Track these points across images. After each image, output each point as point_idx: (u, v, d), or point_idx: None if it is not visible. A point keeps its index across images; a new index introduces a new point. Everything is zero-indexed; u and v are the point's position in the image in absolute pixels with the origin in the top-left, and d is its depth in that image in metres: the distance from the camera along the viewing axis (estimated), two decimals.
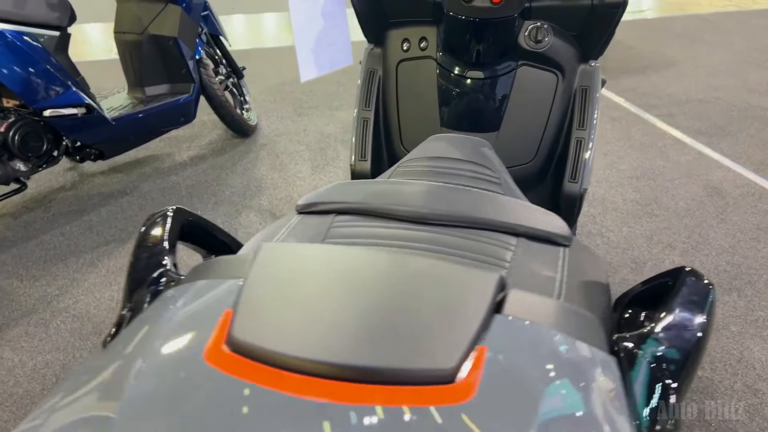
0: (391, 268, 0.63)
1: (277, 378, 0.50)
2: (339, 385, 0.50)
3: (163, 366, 0.53)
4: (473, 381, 0.50)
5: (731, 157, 3.52)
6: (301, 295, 0.60)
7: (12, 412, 1.86)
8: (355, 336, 0.54)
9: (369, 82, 1.85)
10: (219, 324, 0.56)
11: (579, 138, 1.74)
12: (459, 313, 0.57)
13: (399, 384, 0.49)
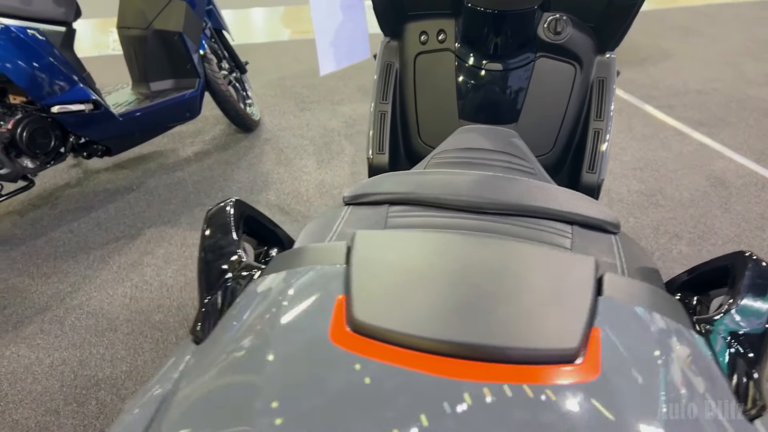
0: (489, 253, 0.65)
1: (406, 357, 0.51)
2: (465, 364, 0.51)
3: (294, 349, 0.54)
4: (596, 360, 0.51)
5: (732, 147, 3.55)
6: (409, 278, 0.61)
7: (32, 409, 1.86)
8: (473, 316, 0.55)
9: (386, 75, 1.85)
10: (336, 308, 0.57)
11: (597, 129, 1.75)
12: (567, 295, 0.58)
13: (522, 363, 0.50)
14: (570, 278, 0.61)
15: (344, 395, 0.48)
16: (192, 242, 2.64)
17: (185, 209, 2.91)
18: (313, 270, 0.66)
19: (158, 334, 2.14)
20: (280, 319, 0.57)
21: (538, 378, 0.49)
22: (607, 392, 0.48)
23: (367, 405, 0.47)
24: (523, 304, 0.57)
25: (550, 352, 0.52)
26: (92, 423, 1.81)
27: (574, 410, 0.47)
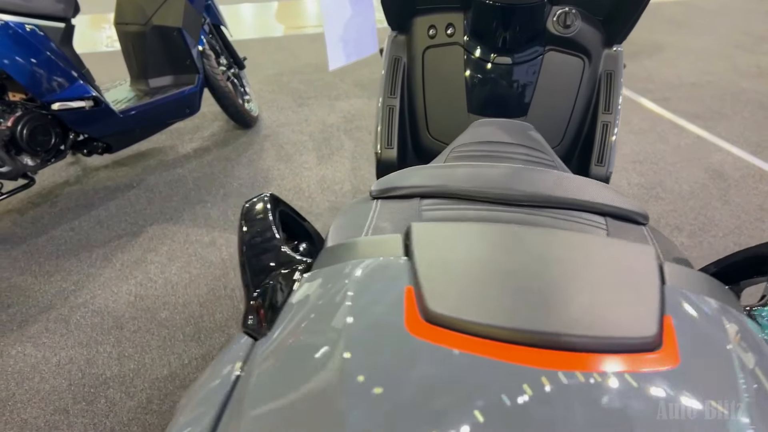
0: (549, 243, 0.65)
1: (485, 346, 0.52)
2: (544, 353, 0.51)
3: (371, 342, 0.54)
4: (674, 348, 0.52)
5: (729, 140, 3.58)
6: (475, 269, 0.61)
7: (41, 408, 1.84)
8: (546, 306, 0.56)
9: (394, 70, 1.85)
10: (406, 299, 0.57)
11: (605, 122, 1.76)
12: (634, 284, 0.58)
13: (601, 352, 0.51)
14: (633, 267, 0.61)
15: (429, 385, 0.48)
16: (195, 239, 2.63)
17: (187, 206, 2.89)
18: (374, 262, 0.66)
19: (165, 332, 2.13)
20: (350, 311, 0.57)
21: (621, 366, 0.50)
22: (690, 379, 0.49)
23: (452, 394, 0.47)
24: (592, 293, 0.57)
25: (630, 340, 0.52)
26: (102, 422, 1.80)
27: (662, 397, 0.47)
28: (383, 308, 0.57)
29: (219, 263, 2.48)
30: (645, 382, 0.48)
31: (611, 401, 0.47)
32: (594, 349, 0.51)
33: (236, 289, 2.33)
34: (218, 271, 2.44)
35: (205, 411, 0.56)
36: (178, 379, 1.94)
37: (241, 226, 0.79)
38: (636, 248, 0.64)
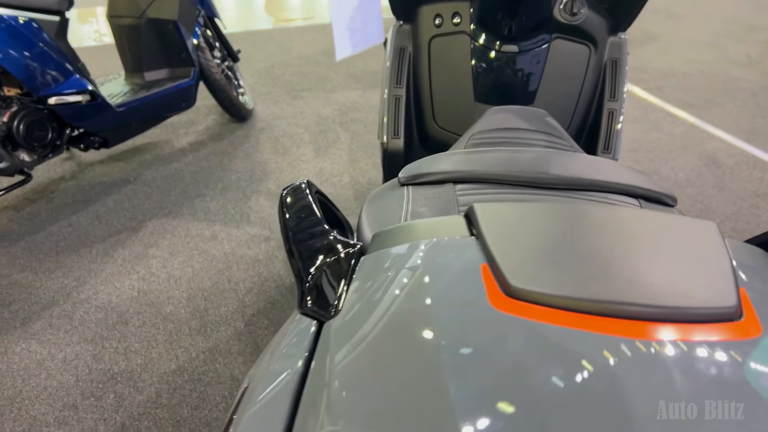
0: (614, 219, 0.66)
1: (569, 318, 0.52)
2: (629, 323, 0.52)
3: (459, 317, 0.55)
4: (755, 318, 0.53)
5: (722, 127, 3.62)
6: (547, 245, 0.62)
7: (49, 404, 1.83)
8: (627, 278, 0.56)
9: (399, 59, 1.85)
10: (483, 276, 0.57)
11: (611, 109, 1.77)
12: (706, 257, 0.59)
13: (686, 322, 0.52)
14: (701, 241, 0.62)
15: (523, 357, 0.49)
16: (195, 233, 2.61)
17: (185, 200, 2.87)
18: (443, 241, 0.66)
19: (171, 326, 2.12)
20: (430, 289, 0.58)
21: (709, 336, 0.50)
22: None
23: (547, 365, 0.48)
24: (668, 266, 0.58)
25: (714, 310, 0.53)
26: (112, 416, 1.79)
27: (751, 364, 0.48)
28: (463, 285, 0.58)
29: (221, 257, 2.47)
30: (733, 350, 0.49)
31: (704, 369, 0.47)
32: (680, 319, 0.52)
33: (240, 282, 2.32)
34: (221, 264, 2.43)
35: (279, 398, 0.55)
36: (187, 373, 1.93)
37: (284, 213, 0.79)
38: (700, 223, 0.66)
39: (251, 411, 0.55)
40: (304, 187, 0.86)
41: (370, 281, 0.65)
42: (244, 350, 2.02)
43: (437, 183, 1.03)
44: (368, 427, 0.46)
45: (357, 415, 0.49)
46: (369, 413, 0.48)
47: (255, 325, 2.12)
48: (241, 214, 2.77)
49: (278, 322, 2.13)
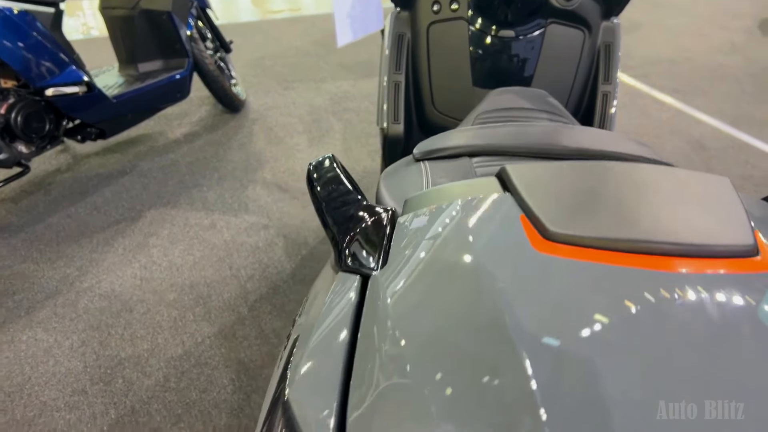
0: (638, 173, 0.71)
1: (608, 257, 0.58)
2: (663, 259, 0.58)
3: (507, 262, 0.60)
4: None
5: (708, 113, 3.69)
6: (579, 195, 0.68)
7: (59, 390, 1.85)
8: (658, 220, 0.62)
9: (398, 46, 1.88)
10: (524, 225, 0.62)
11: (605, 92, 1.82)
12: (724, 204, 0.65)
13: (711, 257, 0.58)
14: (716, 192, 0.68)
15: (566, 293, 0.55)
16: (194, 222, 2.64)
17: (183, 191, 2.89)
18: (480, 199, 0.71)
19: (175, 312, 2.15)
20: (474, 239, 0.62)
21: (732, 269, 0.56)
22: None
23: (588, 298, 0.53)
24: (688, 211, 0.63)
25: (735, 247, 0.59)
26: (122, 400, 1.82)
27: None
28: (505, 234, 0.63)
29: (222, 245, 2.50)
30: (751, 281, 0.55)
31: (728, 298, 0.52)
32: (704, 254, 0.58)
33: (241, 269, 2.36)
34: (222, 252, 2.46)
35: (333, 349, 0.59)
36: (193, 358, 1.96)
37: (314, 186, 0.82)
38: (715, 178, 0.71)
39: (307, 364, 0.59)
40: (330, 161, 0.90)
41: (413, 236, 0.69)
42: (249, 335, 2.05)
43: (453, 157, 1.07)
44: (431, 363, 0.51)
45: (419, 353, 0.53)
46: (430, 351, 0.53)
47: (258, 311, 2.16)
48: (238, 203, 2.79)
49: (281, 307, 2.16)
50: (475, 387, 0.48)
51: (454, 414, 0.46)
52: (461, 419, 0.46)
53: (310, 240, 2.53)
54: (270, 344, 2.02)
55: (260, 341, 2.03)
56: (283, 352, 0.73)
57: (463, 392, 0.48)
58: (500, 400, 0.46)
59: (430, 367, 0.51)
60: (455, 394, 0.48)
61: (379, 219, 0.76)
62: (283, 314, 2.14)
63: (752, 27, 5.40)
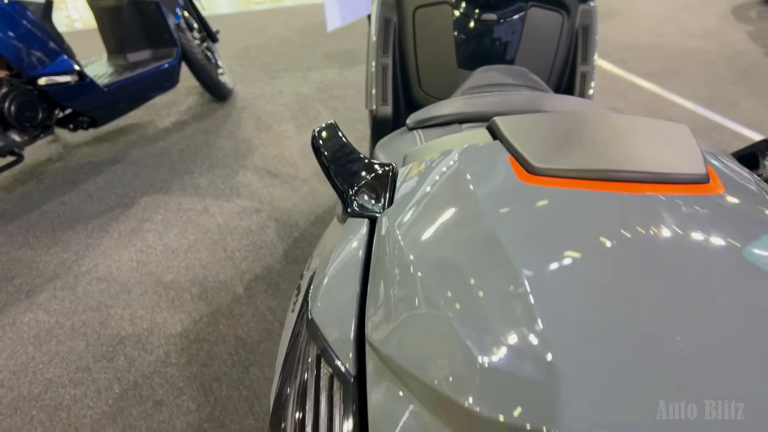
0: (610, 120, 0.81)
1: (588, 184, 0.68)
2: (634, 185, 0.68)
3: (500, 193, 0.69)
4: (719, 182, 0.69)
5: (683, 95, 3.81)
6: (560, 138, 0.78)
7: (62, 368, 1.92)
8: (627, 154, 0.73)
9: (385, 31, 1.96)
10: (512, 165, 0.71)
11: (583, 72, 1.92)
12: (684, 144, 0.75)
13: (671, 183, 0.69)
14: (677, 135, 0.78)
15: (550, 212, 0.65)
16: (188, 207, 2.70)
17: (175, 177, 2.95)
18: (471, 146, 0.80)
19: (172, 293, 2.21)
20: (469, 177, 0.71)
21: (687, 191, 0.67)
22: (733, 200, 0.67)
23: (568, 216, 0.64)
24: (652, 148, 0.73)
25: (691, 175, 0.70)
26: (125, 376, 1.89)
27: (717, 210, 0.65)
28: (496, 171, 0.72)
29: (215, 229, 2.56)
30: (705, 204, 0.66)
31: (685, 213, 0.63)
32: (666, 180, 0.69)
33: (235, 251, 2.42)
34: (215, 236, 2.52)
35: (349, 275, 0.68)
36: (192, 335, 2.03)
37: (320, 149, 0.89)
38: (676, 124, 0.81)
39: (327, 289, 0.68)
40: (332, 127, 0.97)
41: (415, 181, 0.78)
42: (245, 312, 2.13)
43: (444, 124, 1.15)
44: (437, 278, 0.60)
45: (426, 270, 0.62)
46: (436, 268, 0.62)
47: (254, 290, 2.23)
48: (230, 188, 2.86)
49: (275, 286, 2.24)
50: (477, 294, 0.56)
51: (455, 315, 0.55)
52: (463, 319, 0.54)
53: (302, 223, 2.60)
54: (266, 321, 2.09)
55: (257, 318, 2.10)
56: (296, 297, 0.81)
57: (464, 298, 0.57)
58: (499, 303, 0.55)
59: (437, 282, 0.60)
60: (456, 299, 0.57)
61: (382, 171, 0.84)
62: (278, 293, 2.21)
63: (725, 13, 5.54)
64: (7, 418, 1.76)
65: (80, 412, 1.78)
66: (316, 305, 0.66)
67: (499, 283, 0.56)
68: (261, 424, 1.73)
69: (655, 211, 0.64)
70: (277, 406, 0.65)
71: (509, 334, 0.51)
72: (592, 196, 0.66)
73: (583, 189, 0.67)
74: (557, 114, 0.84)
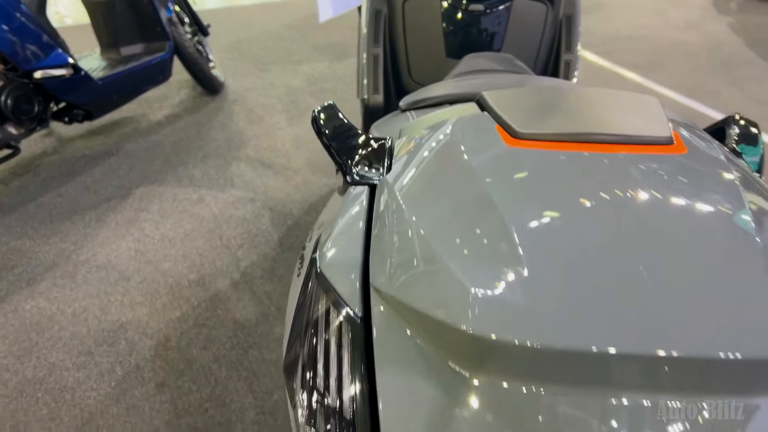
0: (588, 92, 0.89)
1: (565, 146, 0.77)
2: (608, 146, 0.77)
3: (489, 155, 0.77)
4: (683, 144, 0.77)
5: (666, 85, 3.91)
6: (537, 107, 0.87)
7: (65, 352, 1.97)
8: (594, 120, 0.82)
9: (376, 22, 2.02)
10: (498, 132, 0.79)
11: (567, 60, 1.99)
12: (651, 112, 0.83)
13: (640, 144, 0.78)
14: (646, 105, 0.86)
15: (533, 169, 0.73)
16: (183, 197, 2.75)
17: (169, 169, 3.00)
18: (461, 117, 0.88)
19: (170, 280, 2.27)
20: (461, 142, 0.78)
21: (653, 151, 0.76)
22: (694, 160, 0.75)
23: (548, 172, 0.72)
24: (623, 114, 0.82)
25: (657, 138, 0.79)
26: (126, 359, 1.95)
27: (680, 167, 0.74)
28: (484, 137, 0.80)
29: (210, 218, 2.62)
30: (668, 162, 0.74)
31: (651, 169, 0.71)
32: (635, 141, 0.78)
33: (231, 239, 2.48)
34: (211, 224, 2.58)
35: (354, 232, 0.76)
36: (191, 319, 2.09)
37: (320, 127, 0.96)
38: (646, 96, 0.90)
39: (333, 245, 0.75)
40: (332, 107, 1.04)
41: (411, 149, 0.85)
42: (242, 297, 2.19)
43: (436, 105, 1.22)
44: (433, 229, 0.67)
45: (424, 223, 0.69)
46: (432, 221, 0.69)
47: (250, 276, 2.29)
48: (224, 179, 2.91)
49: (271, 272, 2.30)
50: (469, 238, 0.64)
51: (450, 256, 0.62)
52: (456, 259, 0.62)
53: (296, 211, 2.66)
54: (263, 305, 2.15)
55: (254, 303, 2.16)
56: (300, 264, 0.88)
57: (458, 242, 0.64)
58: (488, 245, 0.63)
59: (432, 231, 0.67)
60: (451, 243, 0.65)
61: (379, 145, 0.91)
62: (274, 278, 2.28)
63: (706, 4, 5.65)
64: (13, 401, 1.81)
65: (84, 393, 1.83)
66: (324, 260, 0.73)
67: (488, 228, 0.64)
68: (260, 402, 1.79)
69: (623, 168, 0.72)
70: (290, 352, 0.72)
71: (497, 269, 0.59)
72: (569, 156, 0.75)
73: (561, 150, 0.75)
74: (539, 88, 0.92)
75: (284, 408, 1.77)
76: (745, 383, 0.53)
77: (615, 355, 0.52)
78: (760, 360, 0.53)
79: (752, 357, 0.52)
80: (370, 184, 0.85)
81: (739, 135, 1.00)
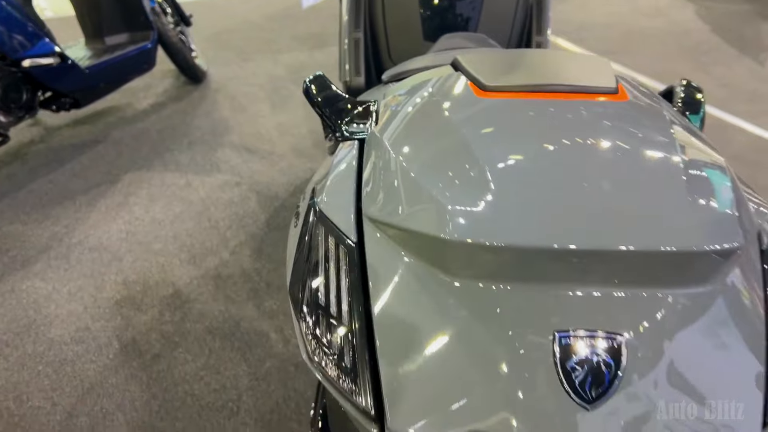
0: (547, 52, 1.01)
1: (529, 95, 0.90)
2: (562, 95, 0.90)
3: (463, 106, 0.90)
4: (626, 93, 0.89)
5: (637, 69, 4.06)
6: (503, 66, 1.01)
7: (63, 329, 2.05)
8: (558, 74, 0.96)
9: (356, 7, 2.12)
10: (471, 86, 0.91)
11: (538, 42, 2.11)
12: (600, 68, 0.96)
13: (587, 93, 0.91)
14: (598, 63, 0.99)
15: (501, 114, 0.87)
16: (171, 182, 2.83)
17: (156, 155, 3.07)
18: (439, 77, 1.01)
19: (162, 259, 2.36)
20: (439, 98, 0.91)
21: (599, 98, 0.89)
22: (635, 107, 0.89)
23: (515, 115, 0.85)
24: (576, 69, 0.94)
25: (603, 88, 0.93)
26: (123, 333, 2.03)
27: (621, 111, 0.88)
28: (458, 91, 0.92)
29: (199, 201, 2.70)
30: (612, 106, 0.88)
31: (598, 113, 0.85)
32: (584, 91, 0.91)
33: (220, 221, 2.57)
34: (199, 207, 2.66)
35: (348, 174, 0.87)
36: (184, 296, 2.18)
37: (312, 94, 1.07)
38: (598, 58, 1.03)
39: (329, 188, 0.86)
40: (321, 77, 1.14)
41: (394, 105, 0.97)
42: (233, 274, 2.28)
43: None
44: (416, 168, 0.79)
45: (408, 164, 0.81)
46: (415, 161, 0.81)
47: (239, 254, 2.38)
48: (210, 164, 3.00)
49: (259, 251, 2.40)
50: (446, 169, 0.77)
51: (430, 183, 0.75)
52: (435, 184, 0.75)
53: (281, 194, 2.75)
54: (252, 281, 2.25)
55: (243, 279, 2.26)
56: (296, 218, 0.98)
57: (436, 171, 0.77)
58: (462, 171, 0.76)
59: (415, 165, 0.80)
60: (431, 173, 0.78)
61: (366, 105, 1.02)
62: (262, 256, 2.37)
63: None
64: (15, 374, 1.89)
65: (84, 366, 1.92)
66: (322, 200, 0.84)
67: (461, 160, 0.78)
68: (253, 370, 1.89)
69: (574, 111, 0.86)
70: (295, 278, 0.83)
71: (469, 190, 0.73)
72: (529, 103, 0.88)
73: (522, 98, 0.89)
74: (505, 50, 1.05)
75: (277, 374, 1.87)
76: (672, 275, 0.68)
77: (565, 251, 0.67)
78: (678, 252, 0.67)
79: (665, 250, 0.66)
80: (359, 138, 0.96)
81: (684, 97, 1.14)
